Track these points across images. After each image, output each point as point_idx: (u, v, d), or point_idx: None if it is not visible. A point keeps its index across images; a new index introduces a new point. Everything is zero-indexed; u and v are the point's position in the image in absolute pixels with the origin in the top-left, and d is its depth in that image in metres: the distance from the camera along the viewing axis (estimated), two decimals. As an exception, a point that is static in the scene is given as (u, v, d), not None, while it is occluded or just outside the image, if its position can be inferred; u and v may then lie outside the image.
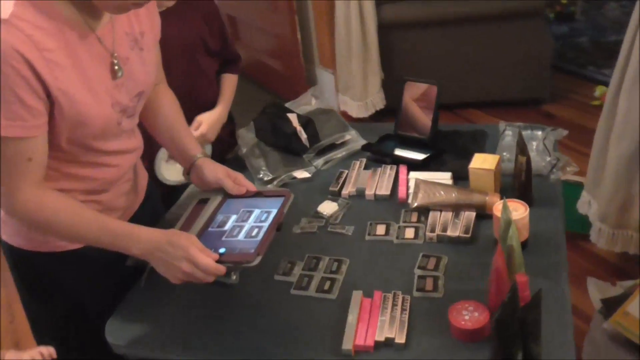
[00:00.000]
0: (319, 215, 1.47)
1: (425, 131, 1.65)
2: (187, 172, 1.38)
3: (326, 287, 1.26)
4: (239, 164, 1.70)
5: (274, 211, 1.24)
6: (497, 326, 0.91)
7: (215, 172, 1.33)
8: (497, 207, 1.27)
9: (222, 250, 1.14)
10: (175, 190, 1.66)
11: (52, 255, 1.26)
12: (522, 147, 1.35)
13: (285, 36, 3.62)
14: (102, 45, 1.13)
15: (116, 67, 1.16)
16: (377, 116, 3.39)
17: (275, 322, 1.21)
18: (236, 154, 1.76)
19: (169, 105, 1.40)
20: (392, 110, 3.44)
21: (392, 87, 3.39)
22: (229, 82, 1.85)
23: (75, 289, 1.32)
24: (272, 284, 1.31)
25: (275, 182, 1.59)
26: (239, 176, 1.34)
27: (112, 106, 1.16)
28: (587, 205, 2.24)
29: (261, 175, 1.61)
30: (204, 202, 1.32)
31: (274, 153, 1.67)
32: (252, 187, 1.33)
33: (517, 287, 0.93)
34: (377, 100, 3.33)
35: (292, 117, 1.63)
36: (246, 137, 1.76)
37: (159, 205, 1.60)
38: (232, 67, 1.86)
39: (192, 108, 1.65)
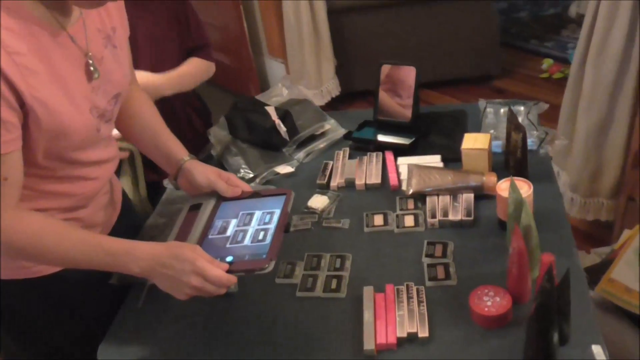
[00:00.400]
0: (310, 211, 1.40)
1: (405, 115, 1.60)
2: (174, 178, 1.27)
3: (333, 285, 1.20)
4: (212, 164, 1.61)
5: (277, 211, 1.16)
6: (539, 312, 0.87)
7: (207, 174, 1.23)
8: (501, 187, 1.24)
9: (229, 258, 1.06)
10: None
11: (25, 284, 1.14)
12: (516, 124, 1.33)
13: (230, 27, 3.50)
14: (75, 44, 1.01)
15: (92, 68, 1.05)
16: (333, 103, 3.34)
17: (285, 329, 1.14)
18: (209, 152, 1.66)
19: (146, 108, 1.30)
20: (348, 95, 3.42)
21: (346, 72, 3.35)
22: (188, 62, 1.71)
23: (53, 323, 1.21)
24: (275, 289, 1.23)
25: (257, 180, 1.51)
26: (231, 177, 1.25)
27: (90, 111, 1.05)
28: (556, 176, 2.26)
29: (242, 174, 1.52)
30: (196, 208, 1.23)
31: (252, 150, 1.59)
32: (247, 188, 1.24)
33: (552, 269, 0.90)
34: (332, 87, 3.28)
35: (271, 110, 1.55)
36: (219, 134, 1.67)
37: (135, 215, 1.49)
38: (199, 52, 1.74)
39: (159, 101, 1.53)
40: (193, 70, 1.73)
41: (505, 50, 3.69)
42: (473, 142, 1.39)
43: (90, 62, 1.04)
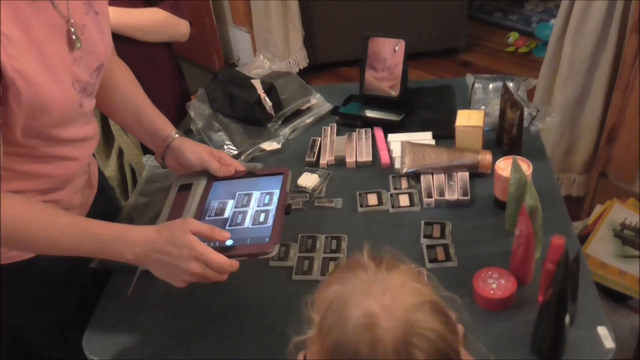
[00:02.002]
0: (300, 190, 1.35)
1: (392, 90, 1.56)
2: (161, 157, 1.20)
3: (330, 268, 1.16)
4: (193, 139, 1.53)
5: (277, 192, 1.11)
6: (557, 297, 0.86)
7: (199, 153, 1.16)
8: (500, 166, 1.22)
9: (229, 242, 1.00)
10: None
11: None
12: (513, 101, 1.30)
13: (192, -6, 3.36)
14: (56, 10, 0.92)
15: (74, 37, 0.95)
16: (301, 75, 3.25)
17: (281, 315, 1.09)
18: (188, 127, 1.58)
19: (126, 80, 1.20)
20: (315, 67, 3.34)
21: (313, 44, 3.27)
22: (149, 9, 1.55)
23: (29, 311, 1.13)
24: (269, 272, 1.19)
25: (242, 157, 1.45)
26: (224, 155, 1.18)
27: (72, 85, 0.96)
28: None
29: (225, 151, 1.45)
30: (186, 188, 1.15)
31: (235, 125, 1.52)
32: (240, 167, 1.18)
33: (567, 252, 0.88)
34: (300, 58, 3.19)
35: (256, 84, 1.47)
36: (198, 108, 1.59)
37: (112, 194, 1.41)
38: (164, 3, 1.58)
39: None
40: (152, 17, 1.56)
41: (469, 24, 3.68)
42: (467, 119, 1.36)
43: (72, 29, 0.95)
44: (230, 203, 1.11)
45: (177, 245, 0.94)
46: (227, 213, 1.09)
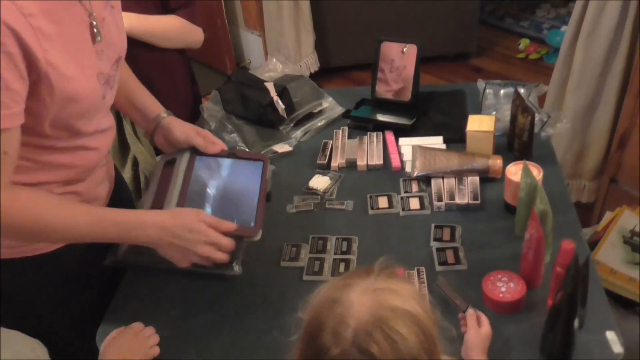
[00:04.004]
0: (311, 192, 1.37)
1: (404, 94, 1.57)
2: (150, 135, 1.24)
3: (341, 269, 1.18)
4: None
5: (258, 179, 1.18)
6: (567, 300, 0.86)
7: (186, 131, 1.21)
8: (511, 171, 1.22)
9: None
10: None
11: (23, 263, 1.08)
12: (524, 107, 1.31)
13: (205, -3, 3.38)
14: (81, 4, 0.95)
15: (95, 30, 0.98)
16: (313, 78, 3.26)
17: (294, 315, 1.10)
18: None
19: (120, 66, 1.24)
20: (327, 70, 3.36)
21: (324, 47, 3.29)
22: (167, 16, 1.59)
23: (51, 303, 1.16)
24: (280, 272, 1.20)
25: (254, 158, 1.46)
26: (208, 133, 1.24)
27: (97, 77, 1.00)
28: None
29: (237, 152, 1.47)
30: (171, 163, 1.21)
31: (248, 127, 1.53)
32: (224, 146, 1.24)
33: (577, 256, 0.89)
34: (311, 62, 3.21)
35: (270, 87, 1.49)
36: (212, 109, 1.60)
37: (127, 189, 1.44)
38: (181, 11, 1.60)
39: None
40: (169, 24, 1.60)
41: (481, 29, 3.68)
42: (478, 124, 1.37)
43: (94, 23, 0.98)
44: (213, 183, 1.17)
45: (193, 231, 1.02)
46: (210, 191, 1.15)
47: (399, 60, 1.57)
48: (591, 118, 2.05)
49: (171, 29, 1.61)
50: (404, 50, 1.53)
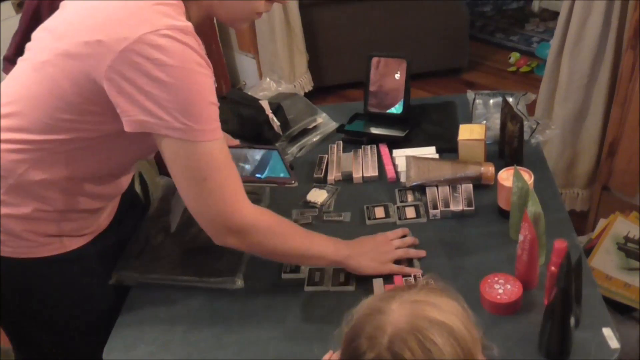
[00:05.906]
0: (309, 205, 1.40)
1: (395, 106, 1.61)
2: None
3: (342, 279, 1.20)
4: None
5: (278, 158, 1.32)
6: (561, 298, 0.89)
7: None
8: (502, 177, 1.26)
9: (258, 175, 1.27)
10: None
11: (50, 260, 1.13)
12: (512, 114, 1.35)
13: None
14: None
15: None
16: (307, 97, 3.30)
17: (297, 325, 1.13)
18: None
19: None
20: (320, 90, 3.41)
21: (318, 66, 3.34)
22: None
23: (65, 306, 1.19)
24: (281, 284, 1.22)
25: (251, 175, 1.49)
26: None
27: None
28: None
29: (235, 169, 1.50)
30: None
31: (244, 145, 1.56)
32: (235, 141, 1.39)
33: (570, 254, 0.92)
34: (305, 82, 3.26)
35: (264, 104, 1.53)
36: (209, 129, 1.63)
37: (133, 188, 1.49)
38: None
39: None
40: None
41: (472, 44, 3.75)
42: (469, 133, 1.41)
43: None
44: (243, 164, 1.29)
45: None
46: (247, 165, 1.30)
47: (390, 75, 1.61)
48: (580, 127, 2.09)
49: None
50: (397, 76, 1.58)
